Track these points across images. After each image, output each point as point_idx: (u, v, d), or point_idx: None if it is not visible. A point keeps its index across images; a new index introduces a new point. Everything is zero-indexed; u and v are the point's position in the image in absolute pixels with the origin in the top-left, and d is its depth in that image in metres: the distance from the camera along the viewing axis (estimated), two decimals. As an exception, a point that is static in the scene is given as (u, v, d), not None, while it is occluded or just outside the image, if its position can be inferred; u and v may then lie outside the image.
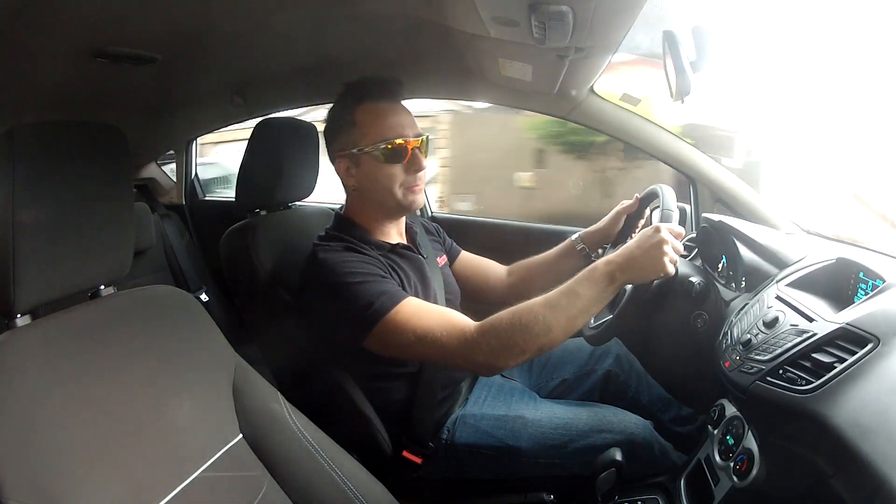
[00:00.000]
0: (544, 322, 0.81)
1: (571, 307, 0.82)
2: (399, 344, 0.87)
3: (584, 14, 0.77)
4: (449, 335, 0.84)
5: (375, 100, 0.97)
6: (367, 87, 0.98)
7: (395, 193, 0.98)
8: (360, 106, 0.97)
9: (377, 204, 1.00)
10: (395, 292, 0.89)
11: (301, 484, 0.76)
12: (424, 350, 0.86)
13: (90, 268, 0.70)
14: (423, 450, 1.00)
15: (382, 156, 0.95)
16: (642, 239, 0.85)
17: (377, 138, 0.95)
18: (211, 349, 0.80)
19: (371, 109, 0.97)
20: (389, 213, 1.02)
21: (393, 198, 0.98)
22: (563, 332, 0.82)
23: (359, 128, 0.96)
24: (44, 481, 0.55)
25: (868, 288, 0.76)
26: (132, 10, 0.92)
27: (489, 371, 0.94)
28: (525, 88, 1.31)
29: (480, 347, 0.82)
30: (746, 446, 0.75)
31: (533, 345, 0.82)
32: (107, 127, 0.72)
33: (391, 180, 0.97)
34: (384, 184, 0.97)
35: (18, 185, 0.59)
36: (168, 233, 1.91)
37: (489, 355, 0.82)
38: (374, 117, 0.96)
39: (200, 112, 1.88)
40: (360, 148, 0.96)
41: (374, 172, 0.97)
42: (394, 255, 1.00)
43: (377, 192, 0.99)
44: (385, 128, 0.96)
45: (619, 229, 1.17)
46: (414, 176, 0.98)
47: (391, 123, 0.96)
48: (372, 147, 0.95)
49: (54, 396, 0.59)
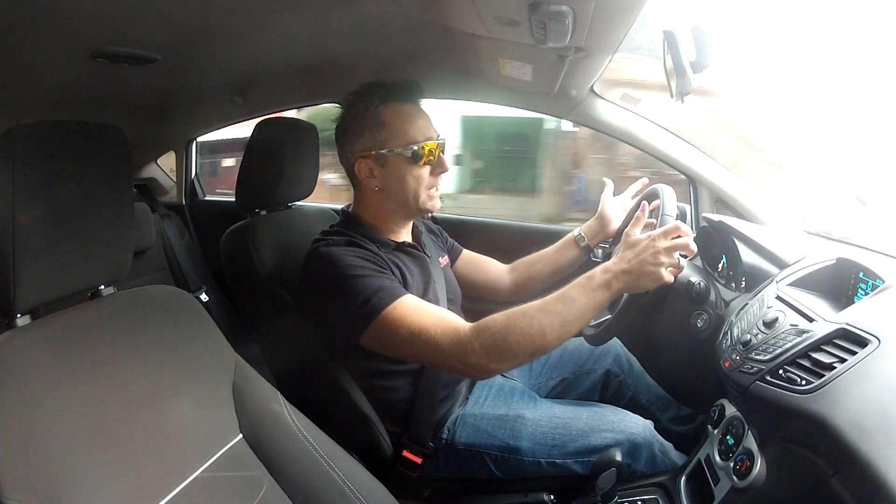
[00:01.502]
0: (538, 325, 0.81)
1: (566, 312, 0.82)
2: (394, 340, 0.87)
3: (584, 14, 0.77)
4: (443, 334, 0.84)
5: (402, 101, 0.98)
6: (393, 88, 0.98)
7: (420, 195, 0.99)
8: (386, 107, 0.97)
9: (399, 205, 1.01)
10: (393, 288, 0.89)
11: (301, 484, 0.76)
12: (418, 348, 0.86)
13: (90, 268, 0.70)
14: (424, 450, 1.00)
15: (414, 157, 0.96)
16: (639, 248, 0.83)
17: (408, 140, 0.96)
18: (211, 349, 0.80)
19: (399, 110, 0.98)
20: (409, 214, 1.03)
21: (416, 199, 0.99)
22: (556, 337, 0.82)
23: (387, 128, 0.96)
24: (44, 481, 0.55)
25: (868, 288, 0.76)
26: (132, 10, 0.92)
27: (481, 373, 0.91)
28: (525, 88, 1.31)
29: (473, 347, 0.82)
30: (746, 446, 0.75)
31: (526, 347, 0.81)
32: (107, 127, 0.71)
33: (418, 182, 0.98)
34: (411, 185, 0.98)
35: (18, 185, 0.59)
36: (168, 233, 1.92)
37: (482, 356, 0.82)
38: (403, 119, 0.97)
39: (200, 112, 1.88)
40: (389, 149, 0.96)
41: (402, 174, 0.97)
42: (399, 252, 1.01)
43: (401, 193, 0.99)
44: (415, 129, 0.97)
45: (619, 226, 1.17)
46: (438, 178, 1.00)
47: (420, 125, 0.98)
48: (403, 148, 0.96)
49: (54, 396, 0.59)
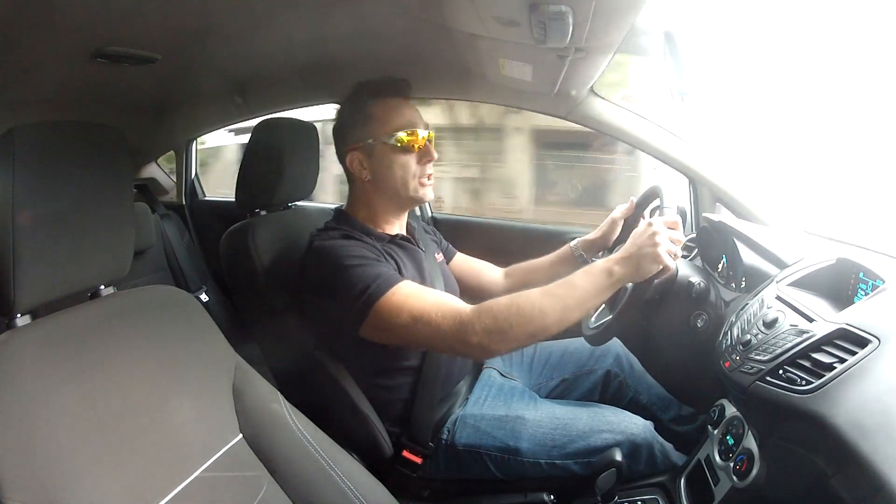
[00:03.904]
0: (540, 307, 0.82)
1: (568, 297, 0.83)
2: (394, 326, 0.87)
3: (584, 14, 0.77)
4: (444, 316, 0.85)
5: (389, 96, 1.02)
6: (381, 85, 1.02)
7: (408, 183, 1.01)
8: (374, 101, 1.01)
9: (389, 194, 1.03)
10: (390, 275, 0.90)
11: (301, 484, 0.76)
12: (419, 332, 0.86)
13: (90, 268, 0.70)
14: (424, 450, 1.00)
15: (398, 143, 0.99)
16: (636, 234, 0.86)
17: (393, 128, 0.99)
18: (211, 349, 0.80)
19: (386, 103, 1.02)
20: (401, 204, 1.05)
21: (405, 188, 1.01)
22: (557, 320, 0.82)
23: (374, 120, 1.00)
24: (44, 481, 0.55)
25: (868, 288, 0.76)
26: (132, 10, 0.92)
27: (483, 353, 0.92)
28: (525, 88, 1.31)
29: (475, 328, 0.83)
30: (746, 446, 0.75)
31: (527, 328, 0.82)
32: (107, 127, 0.72)
33: (405, 169, 1.00)
34: (398, 173, 1.01)
35: (18, 185, 0.59)
36: (168, 233, 1.92)
37: (483, 336, 0.82)
38: (389, 110, 1.01)
39: (200, 112, 1.88)
40: (375, 138, 1.00)
41: (389, 161, 1.00)
42: (393, 245, 1.01)
43: (390, 181, 1.01)
44: (400, 119, 1.01)
45: (617, 235, 1.17)
46: (425, 167, 1.02)
47: (405, 115, 1.01)
48: (387, 136, 0.99)
49: (54, 396, 0.59)
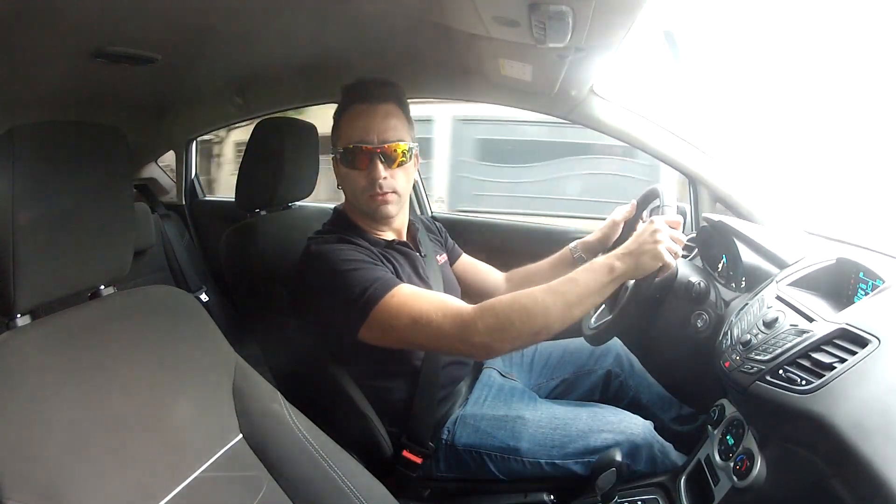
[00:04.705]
0: (542, 304, 0.81)
1: (570, 293, 0.82)
2: (394, 328, 0.86)
3: (584, 14, 0.77)
4: (445, 317, 0.84)
5: (357, 102, 0.97)
6: (353, 89, 0.98)
7: (357, 197, 0.98)
8: (344, 108, 0.98)
9: (355, 206, 1.01)
10: (388, 278, 0.89)
11: (301, 484, 0.76)
12: (420, 334, 0.86)
13: (90, 268, 0.70)
14: (424, 450, 1.00)
15: (343, 159, 0.96)
16: (637, 232, 0.86)
17: (344, 142, 0.96)
18: (211, 349, 0.80)
19: (350, 111, 0.97)
20: (366, 216, 1.01)
21: (357, 202, 0.99)
22: (559, 318, 0.82)
23: (337, 128, 0.99)
24: (44, 481, 0.55)
25: (868, 288, 0.76)
26: (132, 10, 0.92)
27: (486, 353, 0.91)
28: (525, 88, 1.30)
29: (477, 327, 0.82)
30: (746, 446, 0.75)
31: (530, 326, 0.82)
32: (107, 127, 0.72)
33: (353, 185, 0.97)
34: (347, 187, 0.99)
35: (18, 185, 0.59)
36: (168, 233, 1.92)
37: (485, 335, 0.82)
38: (347, 120, 0.97)
39: (200, 112, 1.88)
40: (335, 147, 0.99)
41: (341, 174, 0.99)
42: (390, 250, 1.01)
43: (347, 194, 1.01)
44: (351, 131, 0.95)
45: (617, 237, 1.17)
46: (373, 183, 0.94)
47: (358, 126, 0.95)
48: (336, 149, 0.98)
49: (54, 396, 0.59)
